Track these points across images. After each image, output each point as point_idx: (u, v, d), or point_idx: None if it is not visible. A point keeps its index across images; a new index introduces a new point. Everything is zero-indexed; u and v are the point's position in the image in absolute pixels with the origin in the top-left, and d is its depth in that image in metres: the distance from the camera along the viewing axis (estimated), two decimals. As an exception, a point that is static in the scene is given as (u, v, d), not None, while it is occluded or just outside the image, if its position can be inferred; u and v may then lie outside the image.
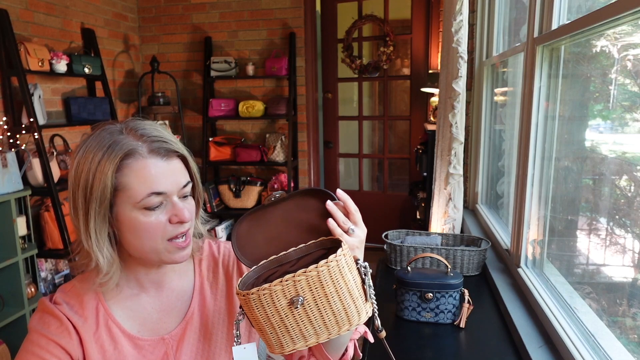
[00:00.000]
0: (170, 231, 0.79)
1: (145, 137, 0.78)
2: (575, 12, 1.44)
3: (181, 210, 0.79)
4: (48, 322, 0.81)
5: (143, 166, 0.76)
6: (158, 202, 0.77)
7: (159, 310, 0.89)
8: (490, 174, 2.59)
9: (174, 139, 0.82)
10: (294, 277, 0.70)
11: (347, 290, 0.72)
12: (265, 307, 0.71)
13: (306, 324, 0.72)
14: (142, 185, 0.76)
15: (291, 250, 0.82)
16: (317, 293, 0.70)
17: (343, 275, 0.71)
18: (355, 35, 4.04)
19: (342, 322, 0.72)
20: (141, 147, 0.77)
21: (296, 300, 0.70)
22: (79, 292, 0.85)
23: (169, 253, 0.81)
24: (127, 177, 0.76)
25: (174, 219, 0.79)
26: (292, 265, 0.81)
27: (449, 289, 1.46)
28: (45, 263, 2.92)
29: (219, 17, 3.90)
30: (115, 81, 3.76)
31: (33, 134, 2.68)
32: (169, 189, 0.78)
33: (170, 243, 0.80)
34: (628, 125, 1.32)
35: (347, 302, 0.72)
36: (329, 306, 0.71)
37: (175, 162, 0.80)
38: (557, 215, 1.62)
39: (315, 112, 4.14)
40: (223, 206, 3.95)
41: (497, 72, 2.49)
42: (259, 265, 0.81)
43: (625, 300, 1.29)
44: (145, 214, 0.77)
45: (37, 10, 2.97)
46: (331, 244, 0.81)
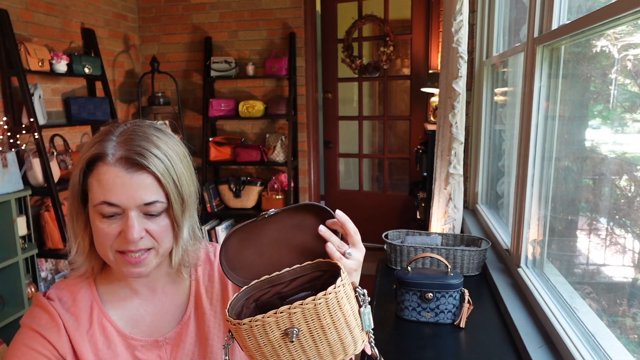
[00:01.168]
0: (119, 244, 0.76)
1: (126, 143, 0.75)
2: (575, 12, 1.44)
3: (129, 227, 0.74)
4: (39, 316, 0.81)
5: (104, 172, 0.74)
6: (111, 212, 0.75)
7: (153, 313, 0.88)
8: (490, 174, 2.59)
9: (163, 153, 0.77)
10: (289, 309, 0.66)
11: (344, 321, 0.68)
12: (257, 338, 0.68)
13: (300, 354, 0.69)
14: (99, 191, 0.75)
15: (285, 271, 0.78)
16: (313, 325, 0.67)
17: (341, 306, 0.68)
18: (355, 35, 4.04)
19: (338, 352, 0.69)
20: (113, 153, 0.75)
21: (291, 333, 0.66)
22: (72, 290, 0.85)
23: (118, 265, 0.78)
24: (92, 178, 0.76)
25: (122, 234, 0.75)
26: (286, 286, 0.78)
27: (449, 289, 1.46)
28: (45, 263, 2.92)
29: (219, 17, 3.90)
30: (115, 81, 3.76)
31: (33, 134, 2.68)
32: (123, 202, 0.74)
33: (120, 255, 0.77)
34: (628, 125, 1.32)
35: (344, 332, 0.69)
36: (324, 337, 0.68)
37: (142, 177, 0.75)
38: (557, 215, 1.62)
39: (315, 112, 4.14)
40: (223, 206, 3.95)
41: (497, 72, 2.49)
42: (250, 285, 0.77)
43: (625, 300, 1.29)
44: (100, 220, 0.76)
45: (37, 10, 2.97)
46: (328, 266, 0.77)
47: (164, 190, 0.76)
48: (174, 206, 0.78)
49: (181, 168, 0.79)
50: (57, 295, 0.83)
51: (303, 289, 0.78)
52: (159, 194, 0.76)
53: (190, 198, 0.81)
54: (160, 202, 0.76)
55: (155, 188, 0.76)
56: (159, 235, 0.78)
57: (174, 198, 0.77)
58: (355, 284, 0.74)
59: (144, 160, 0.74)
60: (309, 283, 0.78)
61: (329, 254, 0.75)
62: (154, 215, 0.77)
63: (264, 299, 0.78)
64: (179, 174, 0.78)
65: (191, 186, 0.82)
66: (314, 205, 0.78)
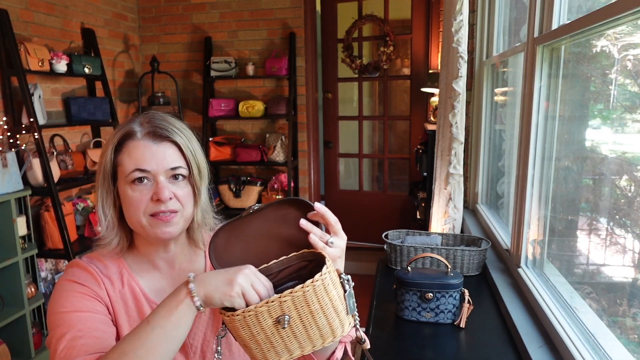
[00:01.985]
0: (151, 208, 0.87)
1: (150, 123, 0.89)
2: (575, 12, 1.44)
3: (161, 188, 0.86)
4: (78, 273, 0.90)
5: (135, 146, 0.88)
6: (142, 177, 0.86)
7: (172, 286, 0.95)
8: (490, 174, 2.59)
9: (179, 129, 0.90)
10: (280, 297, 0.71)
11: (331, 306, 0.73)
12: (250, 327, 0.72)
13: (291, 339, 0.73)
14: (131, 161, 0.87)
15: (272, 263, 0.82)
16: (303, 311, 0.72)
17: (328, 292, 0.72)
18: (355, 35, 4.04)
19: (326, 335, 0.74)
20: (140, 131, 0.89)
21: (282, 320, 0.71)
22: (103, 259, 0.94)
23: (152, 227, 0.88)
24: (122, 154, 0.88)
25: (154, 197, 0.86)
26: (274, 278, 0.82)
27: (449, 289, 1.46)
28: (45, 263, 2.92)
29: (219, 17, 3.90)
30: (115, 81, 3.76)
31: (33, 134, 2.68)
32: (153, 168, 0.87)
33: (153, 218, 0.87)
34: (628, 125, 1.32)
35: (332, 316, 0.73)
36: (314, 322, 0.72)
37: (167, 147, 0.89)
38: (557, 215, 1.62)
39: (315, 112, 4.14)
40: (223, 206, 3.95)
41: (497, 72, 2.49)
42: None
43: (625, 300, 1.29)
44: (132, 189, 0.87)
45: (37, 10, 2.97)
46: (312, 256, 0.82)
47: (185, 158, 0.90)
48: (193, 173, 0.90)
49: (195, 144, 0.93)
50: (89, 260, 0.93)
51: (290, 279, 0.83)
52: (181, 161, 0.89)
53: (205, 170, 0.94)
54: (183, 167, 0.89)
55: (178, 156, 0.89)
56: (184, 199, 0.89)
57: (194, 165, 0.90)
58: (340, 271, 0.79)
59: (167, 132, 0.89)
60: (296, 273, 0.83)
61: (313, 244, 0.81)
62: (178, 181, 0.89)
63: None
64: (194, 148, 0.92)
65: (204, 162, 0.94)
66: (296, 200, 0.84)
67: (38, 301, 2.61)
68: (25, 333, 2.53)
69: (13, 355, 2.48)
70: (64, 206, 2.87)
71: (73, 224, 3.02)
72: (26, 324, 2.52)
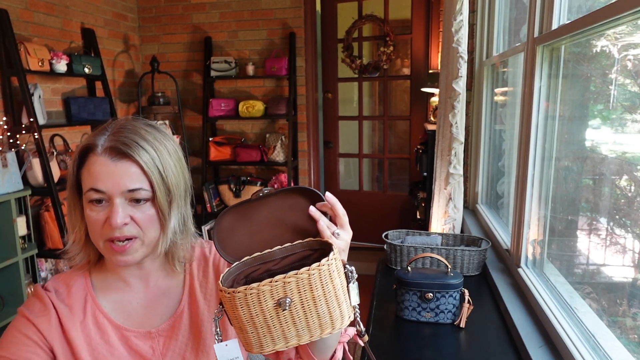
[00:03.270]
0: (106, 232, 0.79)
1: (114, 135, 0.81)
2: (575, 12, 1.44)
3: (114, 212, 0.78)
4: (33, 305, 0.85)
5: (93, 162, 0.80)
6: (98, 197, 0.79)
7: (145, 306, 0.90)
8: (490, 174, 2.59)
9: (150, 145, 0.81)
10: (285, 278, 0.69)
11: (334, 294, 0.71)
12: (250, 307, 0.70)
13: (289, 326, 0.71)
14: (88, 179, 0.80)
15: (276, 249, 0.81)
16: (305, 296, 0.70)
17: (332, 279, 0.71)
18: (355, 35, 4.04)
19: (326, 325, 0.72)
20: (101, 145, 0.80)
21: (283, 302, 0.69)
22: (68, 282, 0.88)
23: (107, 253, 0.82)
24: (83, 169, 0.81)
25: (108, 220, 0.79)
26: (276, 264, 0.80)
27: (449, 289, 1.46)
28: (45, 263, 2.92)
29: (219, 17, 3.90)
30: (115, 81, 3.76)
31: (33, 134, 2.68)
32: (108, 188, 0.78)
33: (108, 244, 0.81)
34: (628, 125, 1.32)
35: (333, 306, 0.71)
36: (314, 309, 0.71)
37: (126, 166, 0.79)
38: (557, 215, 1.62)
39: (315, 112, 4.14)
40: (223, 206, 3.95)
41: (497, 72, 2.49)
42: (242, 261, 0.79)
43: (625, 300, 1.29)
44: (90, 208, 0.80)
45: (37, 10, 2.97)
46: (318, 245, 0.80)
47: (148, 179, 0.80)
48: (158, 195, 0.80)
49: (168, 160, 0.82)
50: (53, 286, 0.88)
51: (293, 267, 0.79)
52: (143, 182, 0.80)
53: (177, 190, 0.84)
54: (145, 190, 0.80)
55: (139, 176, 0.79)
56: (144, 224, 0.81)
57: (158, 187, 0.80)
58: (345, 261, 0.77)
59: (129, 149, 0.79)
60: (299, 262, 0.81)
61: (320, 231, 0.79)
62: (139, 204, 0.80)
63: (254, 275, 0.80)
64: (165, 166, 0.81)
65: (180, 179, 0.84)
66: (306, 189, 0.82)
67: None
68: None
69: (13, 355, 2.48)
70: (64, 206, 2.87)
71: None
72: (26, 324, 2.52)
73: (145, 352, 0.88)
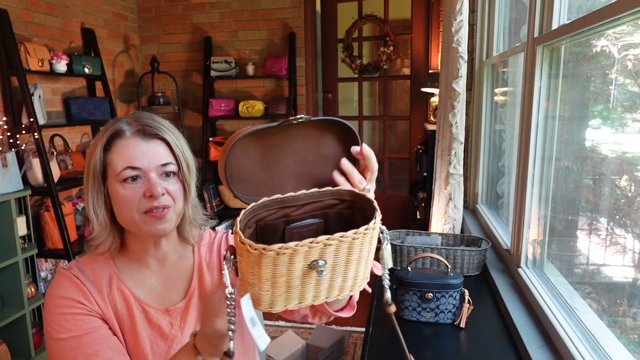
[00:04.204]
0: (144, 204, 0.87)
1: (137, 122, 0.91)
2: (575, 12, 1.44)
3: (154, 184, 0.87)
4: (63, 284, 0.90)
5: (124, 144, 0.88)
6: (134, 174, 0.87)
7: (162, 284, 0.98)
8: (490, 174, 2.59)
9: (166, 127, 0.92)
10: (328, 239, 0.60)
11: (366, 258, 0.65)
12: (277, 267, 0.60)
13: (311, 287, 0.63)
14: (121, 160, 0.87)
15: (301, 193, 0.70)
16: (339, 259, 0.62)
17: (371, 243, 0.65)
18: (355, 35, 4.04)
19: (346, 287, 0.66)
20: (129, 129, 0.90)
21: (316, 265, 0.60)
22: (91, 263, 0.95)
23: (145, 224, 0.88)
24: (112, 153, 0.89)
25: (147, 193, 0.87)
26: (296, 210, 0.71)
27: (449, 289, 1.46)
28: (45, 263, 2.92)
29: (219, 17, 3.90)
30: (115, 81, 3.76)
31: (33, 134, 2.68)
32: (144, 165, 0.88)
33: (146, 215, 0.88)
34: (628, 125, 1.32)
35: (362, 269, 0.66)
36: (343, 272, 0.64)
37: (156, 144, 0.90)
38: (557, 215, 1.62)
39: (315, 112, 4.14)
40: (223, 206, 3.95)
41: (497, 72, 2.49)
42: (259, 202, 0.69)
43: (625, 300, 1.29)
44: (124, 187, 0.87)
45: (37, 10, 2.97)
46: (349, 196, 0.71)
47: (174, 155, 0.91)
48: (183, 169, 0.92)
49: (183, 142, 0.95)
50: (77, 266, 0.94)
51: (313, 215, 0.72)
52: (171, 157, 0.91)
53: (193, 167, 0.95)
54: (173, 164, 0.91)
55: (167, 153, 0.91)
56: (175, 194, 0.90)
57: (183, 162, 0.92)
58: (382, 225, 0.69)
59: (156, 130, 0.90)
60: (320, 211, 0.73)
61: (355, 184, 0.73)
62: (169, 177, 0.90)
63: (268, 219, 0.71)
64: (182, 145, 0.93)
65: (192, 159, 0.96)
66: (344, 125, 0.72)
67: (38, 301, 2.60)
68: (25, 333, 2.53)
69: (13, 355, 2.48)
70: (64, 206, 2.87)
71: (73, 224, 3.02)
72: (26, 324, 2.52)
73: (165, 326, 0.95)
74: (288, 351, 2.47)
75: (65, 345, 0.85)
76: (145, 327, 0.94)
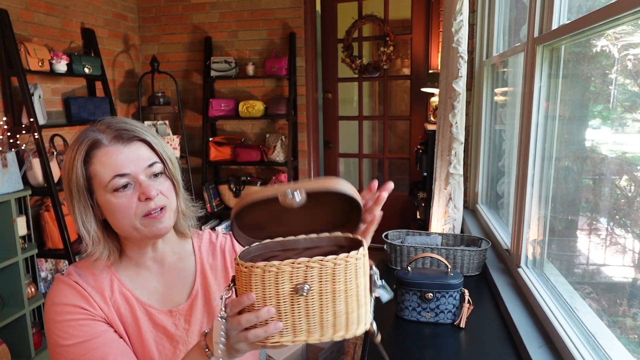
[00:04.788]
0: (141, 208, 0.86)
1: (110, 128, 0.88)
2: (575, 12, 1.44)
3: (147, 187, 0.86)
4: (63, 291, 0.89)
5: (105, 153, 0.86)
6: (124, 182, 0.85)
7: (164, 285, 0.97)
8: (490, 174, 2.59)
9: (140, 127, 0.90)
10: (308, 262, 0.65)
11: (355, 294, 0.66)
12: (265, 286, 0.65)
13: (302, 317, 0.66)
14: (106, 170, 0.85)
15: (301, 237, 0.75)
16: (325, 287, 0.65)
17: (357, 276, 0.66)
18: (355, 35, 4.04)
19: (340, 327, 0.67)
20: (105, 137, 0.87)
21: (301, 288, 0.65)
22: (90, 267, 0.93)
23: (146, 227, 0.87)
24: (94, 165, 0.86)
25: (141, 197, 0.86)
26: (298, 254, 0.75)
27: (449, 289, 1.46)
28: (45, 263, 2.92)
29: (219, 17, 3.90)
30: (115, 81, 3.76)
31: (33, 134, 2.68)
32: (132, 170, 0.86)
33: (145, 218, 0.87)
34: (628, 125, 1.32)
35: (352, 306, 0.67)
36: (332, 304, 0.66)
37: (137, 146, 0.88)
38: (557, 215, 1.62)
39: (315, 112, 4.14)
40: (223, 206, 3.95)
41: (497, 72, 2.49)
42: (263, 242, 0.75)
43: (625, 300, 1.29)
44: (116, 196, 0.85)
45: (37, 10, 2.97)
46: (346, 242, 0.75)
47: (156, 154, 0.90)
48: (168, 165, 0.91)
49: (159, 137, 0.94)
50: (76, 271, 0.92)
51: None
52: (154, 156, 0.90)
53: (175, 161, 0.94)
54: (158, 162, 0.90)
55: (150, 153, 0.89)
56: (167, 193, 0.90)
57: (167, 158, 0.91)
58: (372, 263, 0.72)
59: (134, 133, 0.88)
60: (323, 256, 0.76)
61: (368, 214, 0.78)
62: (157, 178, 0.89)
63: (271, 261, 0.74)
64: (160, 141, 0.92)
65: (172, 151, 0.95)
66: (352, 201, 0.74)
67: (38, 301, 2.60)
68: (25, 333, 2.53)
69: (13, 355, 2.48)
70: (64, 206, 2.87)
71: (73, 224, 3.02)
72: (26, 324, 2.52)
73: (170, 327, 0.94)
74: (288, 351, 2.48)
75: (73, 351, 0.84)
76: (150, 328, 0.93)
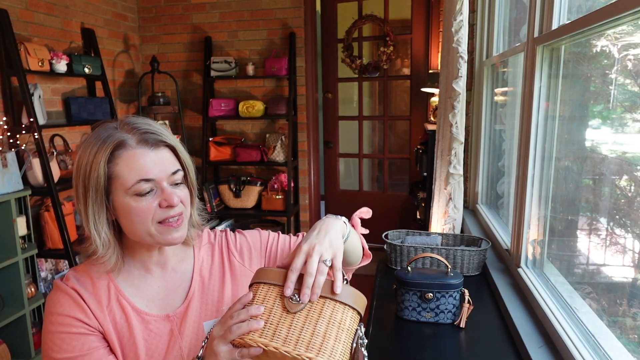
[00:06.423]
0: (160, 215, 0.85)
1: (136, 129, 0.85)
2: (575, 12, 1.44)
3: (170, 195, 0.84)
4: (61, 300, 0.87)
5: (132, 155, 0.83)
6: (148, 188, 0.84)
7: (165, 289, 0.96)
8: (490, 174, 2.59)
9: (164, 132, 0.88)
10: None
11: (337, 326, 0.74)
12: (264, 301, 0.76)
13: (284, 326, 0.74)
14: (132, 173, 0.83)
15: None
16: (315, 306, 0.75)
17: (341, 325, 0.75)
18: (355, 35, 4.04)
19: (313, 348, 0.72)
20: (131, 139, 0.84)
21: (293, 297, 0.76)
22: (89, 272, 0.91)
23: (161, 234, 0.86)
24: (118, 166, 0.83)
25: (163, 203, 0.85)
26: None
27: (449, 289, 1.45)
28: (45, 263, 2.92)
29: (219, 17, 3.90)
30: (115, 81, 3.76)
31: (33, 134, 2.68)
32: (157, 175, 0.84)
33: (161, 225, 0.86)
34: (628, 125, 1.32)
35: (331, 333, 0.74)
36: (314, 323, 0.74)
37: (163, 152, 0.86)
38: (557, 215, 1.62)
39: (315, 112, 4.14)
40: (223, 206, 3.95)
41: (497, 72, 2.49)
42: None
43: (625, 300, 1.29)
44: (136, 200, 0.84)
45: (37, 10, 2.97)
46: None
47: (180, 161, 0.89)
48: (189, 173, 0.91)
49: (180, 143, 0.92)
50: (74, 275, 0.90)
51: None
52: (177, 164, 0.89)
53: (194, 168, 0.93)
54: (180, 171, 0.89)
55: (174, 159, 0.88)
56: (185, 200, 0.89)
57: (188, 166, 0.90)
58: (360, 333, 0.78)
59: (159, 136, 0.86)
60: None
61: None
62: (177, 186, 0.88)
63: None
64: (183, 147, 0.91)
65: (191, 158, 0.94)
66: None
67: (38, 301, 2.61)
68: (25, 333, 2.53)
69: (13, 355, 2.49)
70: (64, 206, 2.87)
71: (73, 224, 3.02)
72: (26, 324, 2.52)
73: (166, 334, 0.93)
74: None
75: None
76: (144, 337, 0.91)
